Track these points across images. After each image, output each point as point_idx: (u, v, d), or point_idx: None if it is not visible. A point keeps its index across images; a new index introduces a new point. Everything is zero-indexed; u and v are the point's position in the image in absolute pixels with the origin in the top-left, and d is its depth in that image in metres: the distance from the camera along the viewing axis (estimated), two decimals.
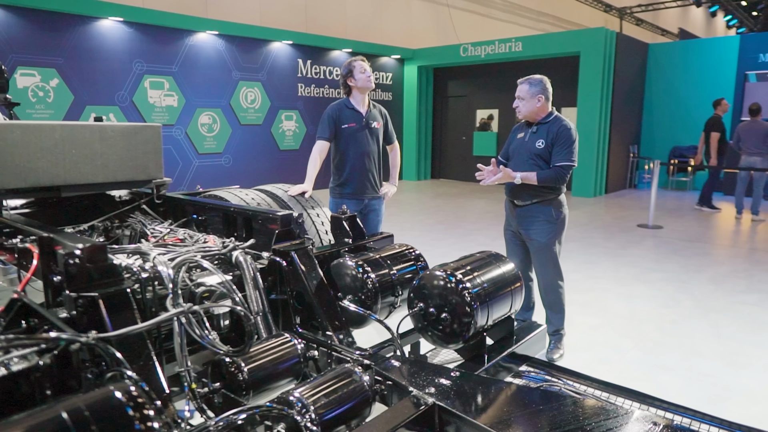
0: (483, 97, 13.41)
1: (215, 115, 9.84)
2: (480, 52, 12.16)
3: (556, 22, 19.59)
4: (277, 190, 3.46)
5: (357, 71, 3.66)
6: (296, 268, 2.34)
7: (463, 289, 2.15)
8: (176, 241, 2.57)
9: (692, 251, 6.35)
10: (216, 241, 2.46)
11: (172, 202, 3.13)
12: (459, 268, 2.30)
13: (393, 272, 2.52)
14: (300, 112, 11.31)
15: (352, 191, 3.80)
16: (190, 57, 9.38)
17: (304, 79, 11.32)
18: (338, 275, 2.50)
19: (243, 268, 2.21)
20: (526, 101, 3.29)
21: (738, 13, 26.82)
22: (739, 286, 4.93)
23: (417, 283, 2.29)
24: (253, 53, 10.35)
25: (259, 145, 10.66)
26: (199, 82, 9.54)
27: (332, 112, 3.74)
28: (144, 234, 2.81)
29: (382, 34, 13.02)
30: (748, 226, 8.05)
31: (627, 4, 23.07)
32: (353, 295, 2.44)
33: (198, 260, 1.95)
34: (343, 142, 3.76)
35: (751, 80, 11.20)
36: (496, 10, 16.77)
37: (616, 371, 3.23)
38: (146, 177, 3.00)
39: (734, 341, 3.70)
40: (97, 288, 1.73)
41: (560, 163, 3.19)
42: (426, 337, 2.28)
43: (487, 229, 7.58)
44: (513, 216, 3.44)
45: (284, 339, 2.01)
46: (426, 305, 2.21)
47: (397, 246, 2.76)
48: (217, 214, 2.81)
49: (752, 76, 11.18)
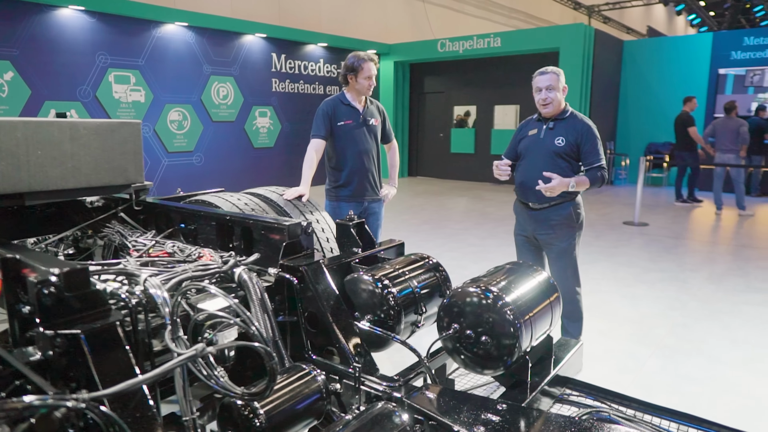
0: (461, 93, 13.23)
1: (185, 111, 9.34)
2: (458, 48, 11.96)
3: (528, 19, 19.61)
4: (271, 193, 3.13)
5: (363, 74, 3.36)
6: (309, 286, 2.04)
7: (503, 306, 1.89)
8: (163, 256, 2.23)
9: (683, 249, 6.27)
10: (212, 256, 2.13)
11: (153, 210, 2.77)
12: (494, 282, 2.04)
13: (415, 287, 2.24)
14: (274, 109, 10.89)
15: (351, 193, 3.51)
16: (157, 50, 8.86)
17: (279, 74, 10.90)
18: (354, 292, 2.21)
19: (248, 287, 1.89)
20: (557, 91, 3.03)
21: (701, 13, 27.48)
22: (739, 285, 4.84)
23: (448, 301, 2.01)
24: (225, 46, 9.88)
25: (232, 142, 10.20)
26: (167, 76, 9.03)
27: (327, 108, 3.43)
28: (123, 247, 2.45)
29: (358, 29, 12.69)
30: (731, 221, 8.07)
31: (595, 2, 23.33)
32: (372, 315, 2.15)
33: (202, 284, 1.63)
34: (339, 140, 3.45)
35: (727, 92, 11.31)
36: (469, 6, 16.63)
37: (640, 383, 3.03)
38: (124, 181, 2.64)
39: (750, 345, 3.56)
40: (79, 323, 1.40)
41: (599, 162, 2.96)
42: (458, 361, 2.01)
43: (475, 228, 7.38)
44: (528, 219, 3.19)
45: (303, 372, 1.71)
46: (461, 326, 1.94)
47: (412, 256, 2.48)
48: (209, 223, 2.47)
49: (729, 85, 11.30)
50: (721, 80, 11.32)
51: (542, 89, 3.07)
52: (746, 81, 11.06)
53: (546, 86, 3.05)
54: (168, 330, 1.50)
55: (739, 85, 11.12)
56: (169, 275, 1.79)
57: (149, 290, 1.62)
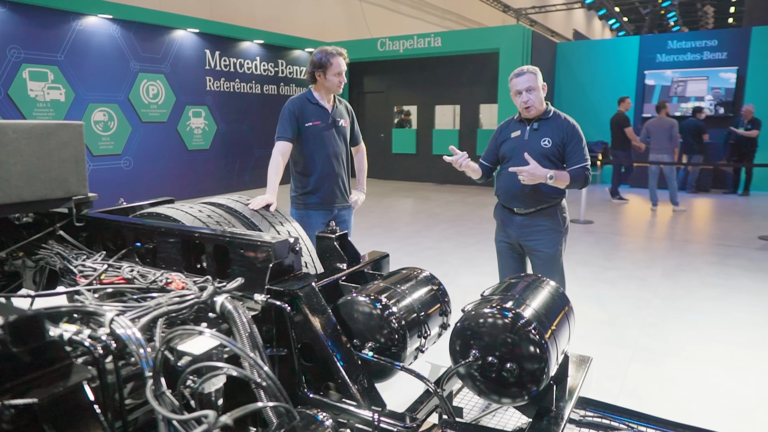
0: (401, 93, 13.12)
1: (111, 111, 8.60)
2: (398, 47, 11.83)
3: (460, 20, 19.88)
4: (235, 203, 2.78)
5: (332, 71, 3.08)
6: (303, 313, 1.76)
7: (525, 325, 1.70)
8: (120, 283, 1.87)
9: (633, 245, 6.43)
10: (184, 282, 1.79)
11: (100, 226, 2.36)
12: (509, 299, 1.85)
13: (417, 306, 2.01)
14: (209, 108, 10.28)
15: (320, 200, 3.22)
16: (79, 44, 8.09)
17: (213, 72, 10.30)
18: (350, 317, 1.94)
19: (233, 319, 1.57)
20: (537, 91, 2.88)
21: (619, 18, 29.02)
22: (693, 280, 4.97)
23: (461, 325, 1.80)
24: (154, 42, 9.20)
25: (164, 144, 9.52)
26: (91, 73, 8.26)
27: (293, 107, 3.12)
28: (66, 272, 2.05)
29: (293, 26, 12.27)
30: (666, 217, 8.42)
31: (523, 5, 24.07)
32: (374, 342, 1.90)
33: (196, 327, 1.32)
34: (307, 143, 3.16)
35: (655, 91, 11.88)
36: (404, 5, 16.60)
37: (629, 391, 2.96)
38: (64, 194, 2.23)
39: (719, 342, 3.60)
40: (35, 389, 1.07)
41: (583, 163, 2.84)
42: (475, 390, 1.80)
43: (427, 230, 7.24)
44: (513, 226, 3.03)
45: (309, 419, 1.45)
46: (482, 353, 1.73)
47: (404, 271, 2.25)
48: (172, 240, 2.11)
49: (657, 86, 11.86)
50: (648, 90, 11.85)
51: (522, 92, 2.92)
52: (671, 91, 11.65)
53: (525, 88, 2.90)
54: (149, 386, 1.19)
55: (665, 95, 11.69)
56: (140, 311, 1.45)
57: (118, 332, 1.29)
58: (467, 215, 8.42)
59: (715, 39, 11.40)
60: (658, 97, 11.67)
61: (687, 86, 11.49)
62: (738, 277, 5.05)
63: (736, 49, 11.07)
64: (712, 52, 11.31)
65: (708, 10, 23.90)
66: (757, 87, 10.89)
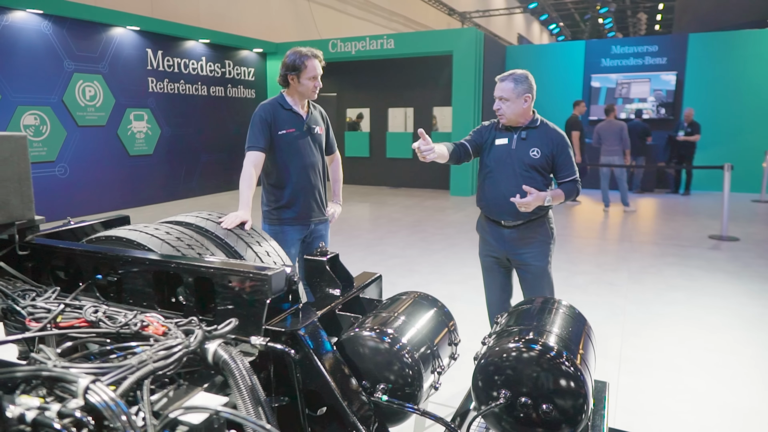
0: (353, 95, 12.89)
1: (43, 114, 7.91)
2: (350, 49, 11.60)
3: (406, 23, 19.88)
4: (204, 221, 2.47)
5: (306, 74, 2.81)
6: (308, 357, 1.52)
7: (556, 358, 1.55)
8: (82, 326, 1.56)
9: (594, 248, 6.48)
10: (165, 325, 1.51)
11: (48, 254, 2.01)
12: (532, 330, 1.70)
13: (428, 337, 1.81)
14: (152, 111, 9.67)
15: (296, 215, 2.95)
16: (5, 41, 7.38)
17: (156, 73, 9.71)
18: (356, 354, 1.71)
19: (230, 371, 1.31)
20: (511, 102, 2.74)
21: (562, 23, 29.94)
22: (660, 284, 5.02)
23: (484, 362, 1.62)
24: (91, 40, 8.55)
25: (104, 150, 8.87)
26: (19, 73, 7.56)
27: (265, 114, 2.84)
28: (11, 313, 1.71)
29: (239, 25, 11.79)
30: (618, 217, 8.61)
31: (466, 9, 24.37)
32: (385, 382, 1.68)
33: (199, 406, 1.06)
34: (280, 152, 2.88)
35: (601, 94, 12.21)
36: (352, 6, 16.38)
37: (626, 408, 2.87)
38: (6, 219, 1.89)
39: (700, 349, 3.60)
40: None
41: (574, 175, 2.74)
42: (503, 431, 1.62)
43: (389, 237, 7.05)
44: (500, 239, 2.87)
45: None
46: (513, 393, 1.55)
47: (404, 296, 2.04)
48: (139, 271, 1.80)
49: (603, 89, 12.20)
50: (594, 92, 12.18)
51: (496, 98, 2.81)
52: (616, 93, 12.03)
53: (499, 96, 2.79)
54: None
55: (610, 97, 12.05)
56: (121, 371, 1.17)
57: (95, 403, 1.01)
58: (427, 220, 8.30)
59: (656, 45, 11.85)
60: (605, 98, 12.02)
61: (631, 88, 11.89)
62: (700, 279, 5.15)
63: (674, 54, 11.54)
64: (653, 57, 11.75)
65: (642, 17, 25.06)
66: (694, 90, 11.39)
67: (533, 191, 2.60)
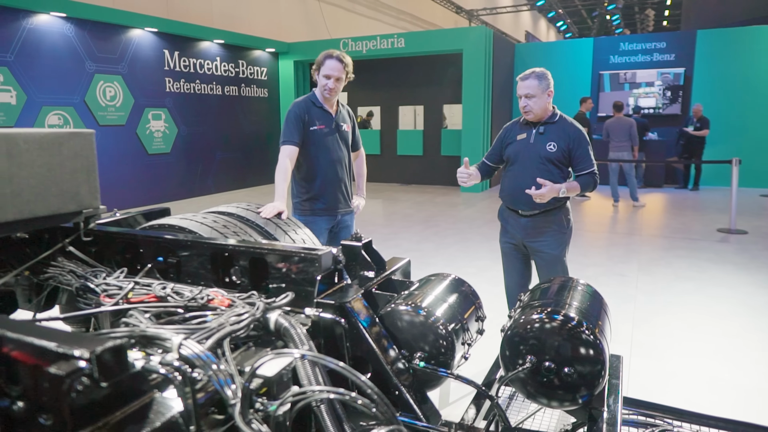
0: (364, 94, 13.08)
1: (67, 114, 8.16)
2: (361, 48, 11.78)
3: (415, 21, 20.02)
4: (245, 211, 2.68)
5: (322, 72, 3.00)
6: (356, 326, 1.71)
7: (577, 327, 1.73)
8: (152, 301, 1.76)
9: (604, 241, 6.64)
10: (229, 298, 1.70)
11: (110, 240, 2.22)
12: (553, 303, 1.88)
13: (459, 312, 1.99)
14: (169, 111, 9.91)
15: (325, 206, 3.15)
16: (30, 43, 7.63)
17: (173, 73, 9.94)
18: (395, 327, 1.90)
19: (291, 336, 1.51)
20: (537, 98, 2.91)
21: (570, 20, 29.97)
22: (669, 275, 5.17)
23: (510, 333, 1.80)
24: (111, 41, 8.79)
25: (123, 148, 9.11)
26: (44, 74, 7.80)
27: (299, 111, 3.04)
28: (85, 291, 1.92)
29: (250, 25, 12.00)
30: (628, 212, 8.75)
31: (474, 6, 24.48)
32: (421, 351, 1.86)
33: (283, 350, 1.25)
34: (311, 147, 3.08)
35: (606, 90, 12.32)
36: (360, 5, 16.56)
37: (638, 389, 3.04)
38: (77, 207, 2.08)
39: (709, 335, 3.76)
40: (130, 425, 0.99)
41: (591, 168, 2.90)
42: (530, 395, 1.80)
43: (403, 232, 7.23)
44: (517, 227, 3.06)
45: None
46: (538, 359, 1.73)
47: (432, 277, 2.22)
48: (200, 254, 2.00)
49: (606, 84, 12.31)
50: (601, 79, 12.32)
51: (521, 96, 2.97)
52: (620, 79, 12.15)
53: (525, 94, 2.94)
54: (237, 411, 1.12)
55: (615, 82, 12.19)
56: (205, 332, 1.36)
57: (188, 356, 1.20)
58: (440, 215, 8.47)
59: (664, 41, 11.94)
60: (609, 84, 12.12)
61: (637, 73, 11.98)
62: (709, 270, 5.30)
63: (683, 50, 11.64)
64: (661, 53, 11.84)
65: (649, 14, 25.09)
66: (703, 86, 11.49)
67: (548, 183, 2.77)
